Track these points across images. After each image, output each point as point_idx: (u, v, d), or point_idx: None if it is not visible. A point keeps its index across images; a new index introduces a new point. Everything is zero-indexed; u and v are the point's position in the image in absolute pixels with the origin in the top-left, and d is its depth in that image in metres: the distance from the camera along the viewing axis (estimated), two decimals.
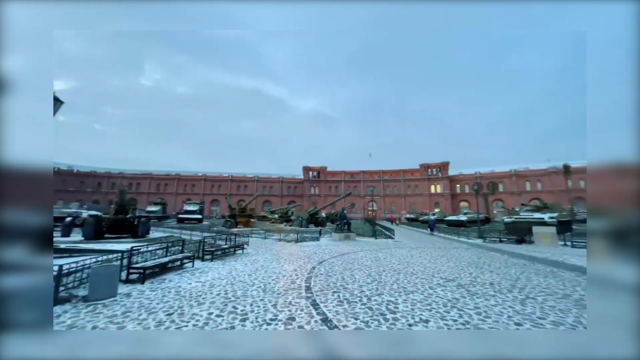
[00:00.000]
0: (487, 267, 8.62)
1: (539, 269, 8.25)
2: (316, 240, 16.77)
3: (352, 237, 17.56)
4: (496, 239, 17.34)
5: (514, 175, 66.21)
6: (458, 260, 9.95)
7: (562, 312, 4.59)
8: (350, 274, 7.53)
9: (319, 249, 12.64)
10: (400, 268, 8.35)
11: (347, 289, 5.97)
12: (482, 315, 4.47)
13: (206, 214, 66.70)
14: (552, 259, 10.21)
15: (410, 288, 6.08)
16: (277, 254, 11.17)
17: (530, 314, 4.51)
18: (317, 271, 7.83)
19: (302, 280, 6.78)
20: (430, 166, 73.87)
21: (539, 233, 14.75)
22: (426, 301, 5.16)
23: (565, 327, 4.01)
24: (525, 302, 5.15)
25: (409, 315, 4.44)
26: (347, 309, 4.77)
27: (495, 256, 10.98)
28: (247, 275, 7.28)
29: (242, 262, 9.09)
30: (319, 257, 10.29)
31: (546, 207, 22.79)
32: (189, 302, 5.03)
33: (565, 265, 8.97)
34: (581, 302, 5.09)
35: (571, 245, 14.14)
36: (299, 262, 9.18)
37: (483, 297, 5.44)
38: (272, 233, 20.88)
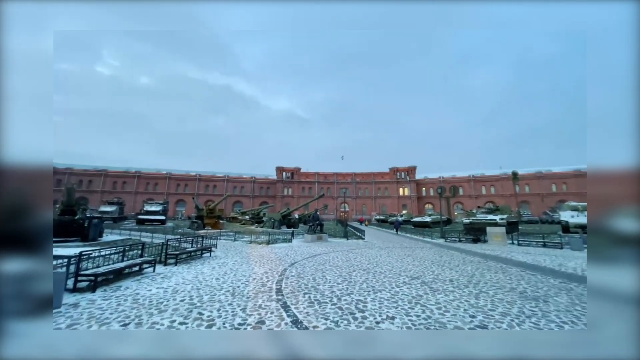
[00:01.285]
0: (447, 265, 9.31)
1: (491, 266, 9.12)
2: (288, 241, 16.62)
3: (325, 238, 17.73)
4: (456, 238, 18.77)
5: (472, 180, 72.40)
6: (422, 259, 10.58)
7: (509, 304, 5.14)
8: (322, 274, 7.60)
9: (291, 251, 12.55)
10: (370, 268, 8.64)
11: (318, 290, 6.02)
12: (442, 310, 4.81)
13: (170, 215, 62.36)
14: (502, 256, 11.36)
15: (379, 287, 6.33)
16: (248, 256, 10.85)
17: (483, 307, 4.97)
18: (288, 273, 7.77)
19: (273, 282, 6.68)
20: (399, 170, 77.62)
21: (492, 233, 16.30)
22: (393, 299, 5.42)
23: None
24: (479, 296, 5.66)
25: (376, 313, 4.62)
26: (317, 309, 4.81)
27: (454, 254, 11.88)
28: (214, 279, 6.96)
29: (209, 266, 8.66)
30: (291, 259, 10.23)
31: (498, 210, 25.28)
32: (148, 311, 4.67)
33: (512, 261, 10.05)
34: (524, 295, 5.75)
35: (517, 243, 15.86)
36: (270, 265, 9.02)
37: (443, 293, 5.87)
38: (243, 235, 20.23)
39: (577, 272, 8.15)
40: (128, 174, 69.02)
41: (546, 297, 5.60)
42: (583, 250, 13.03)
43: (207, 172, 78.19)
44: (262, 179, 79.90)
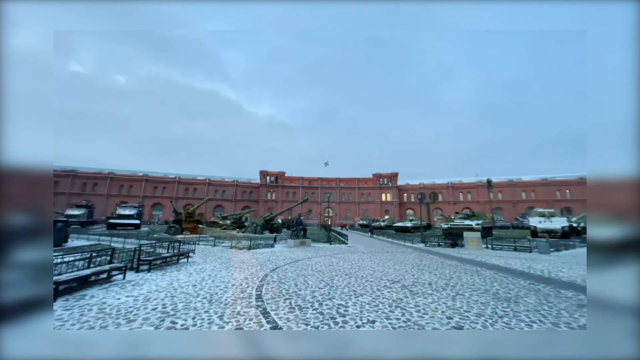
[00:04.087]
0: (427, 268, 9.55)
1: (467, 269, 9.48)
2: (271, 246, 16.31)
3: (308, 243, 17.59)
4: (435, 243, 19.37)
5: (450, 187, 75.44)
6: (403, 263, 10.79)
7: (483, 305, 5.34)
8: (304, 279, 7.50)
9: (273, 256, 12.31)
10: (352, 272, 8.66)
11: (299, 295, 5.92)
12: (420, 312, 4.91)
13: (146, 219, 59.26)
14: (477, 259, 11.85)
15: (360, 291, 6.34)
16: (227, 262, 10.50)
17: (459, 308, 5.12)
18: (269, 278, 7.60)
19: (253, 288, 6.49)
20: (382, 176, 79.31)
21: (468, 237, 16.99)
22: (374, 303, 5.45)
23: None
24: (456, 298, 5.84)
25: (357, 318, 4.61)
26: (298, 315, 4.72)
27: (434, 258, 12.23)
28: (191, 286, 6.64)
29: (186, 272, 8.27)
30: (273, 264, 10.02)
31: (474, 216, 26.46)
32: (115, 321, 4.35)
33: (487, 264, 10.51)
34: (497, 295, 6.01)
35: (491, 247, 16.64)
36: (250, 270, 8.78)
37: (422, 295, 5.99)
38: (223, 240, 19.60)
39: (544, 274, 8.67)
40: (100, 175, 64.93)
41: (517, 298, 5.89)
42: (549, 254, 13.91)
43: (187, 175, 75.41)
44: (245, 183, 78.31)
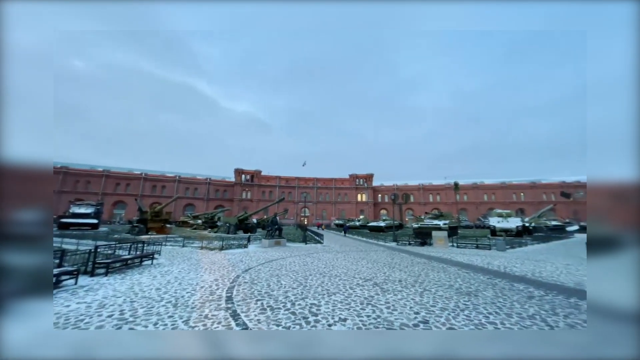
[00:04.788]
0: (397, 266, 9.92)
1: (434, 266, 10.02)
2: (244, 247, 15.85)
3: (283, 243, 17.39)
4: (406, 242, 20.22)
5: (421, 189, 79.39)
6: (376, 261, 11.10)
7: (447, 299, 5.67)
8: (277, 280, 7.38)
9: (246, 257, 11.97)
10: (326, 271, 8.71)
11: (271, 296, 5.81)
12: (390, 309, 5.07)
13: (106, 218, 54.51)
14: (444, 257, 12.59)
15: (333, 290, 6.40)
16: (197, 263, 9.99)
17: (426, 303, 5.39)
18: (241, 280, 7.36)
19: (223, 290, 6.24)
20: (358, 177, 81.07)
21: (436, 236, 17.97)
22: (346, 301, 5.52)
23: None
24: (423, 294, 6.14)
25: (329, 316, 4.64)
26: (270, 316, 4.63)
27: (404, 257, 12.76)
28: (154, 289, 6.21)
29: (149, 275, 7.71)
30: (246, 265, 9.74)
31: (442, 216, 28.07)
32: (62, 330, 3.90)
33: (452, 261, 11.20)
34: (459, 290, 6.42)
35: (456, 246, 17.78)
36: (221, 272, 8.44)
37: (392, 292, 6.20)
38: (193, 240, 18.65)
39: (500, 269, 9.45)
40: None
41: (476, 292, 6.34)
42: (505, 251, 15.22)
43: (155, 171, 70.68)
44: (219, 181, 75.35)
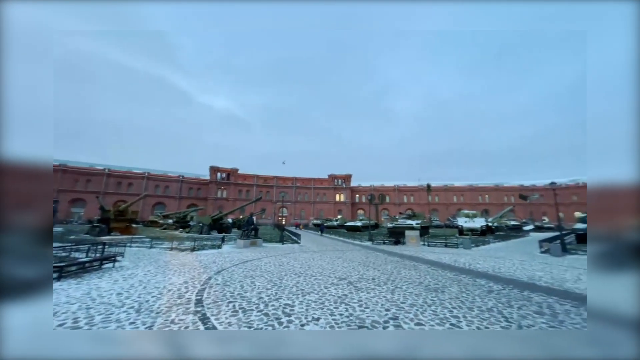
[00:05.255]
0: (372, 265, 10.20)
1: (407, 264, 10.45)
2: (218, 247, 15.30)
3: (259, 244, 17.06)
4: (381, 241, 20.85)
5: (397, 190, 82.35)
6: (351, 260, 11.31)
7: (416, 296, 5.94)
8: (251, 281, 7.22)
9: (219, 257, 11.56)
10: (302, 271, 8.70)
11: (244, 298, 5.68)
12: (362, 306, 5.19)
13: (62, 217, 49.63)
14: (415, 255, 13.17)
15: (308, 289, 6.41)
16: (165, 265, 9.45)
17: (396, 300, 5.59)
18: (213, 282, 7.10)
19: (192, 293, 5.97)
20: (337, 177, 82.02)
21: (409, 235, 18.74)
22: (320, 300, 5.56)
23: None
24: (395, 291, 6.37)
25: (302, 316, 4.64)
26: (241, 318, 4.52)
27: (379, 255, 13.15)
28: (114, 294, 5.76)
29: (110, 279, 7.15)
30: (218, 266, 9.41)
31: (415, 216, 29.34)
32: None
33: (422, 259, 11.75)
34: (428, 287, 6.75)
35: (427, 244, 18.69)
36: (192, 273, 8.07)
37: (366, 291, 6.36)
38: (162, 241, 17.62)
39: (465, 266, 10.11)
40: None
41: (443, 288, 6.72)
42: (471, 249, 16.31)
43: (121, 167, 65.67)
44: (193, 179, 72.01)
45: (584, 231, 19.44)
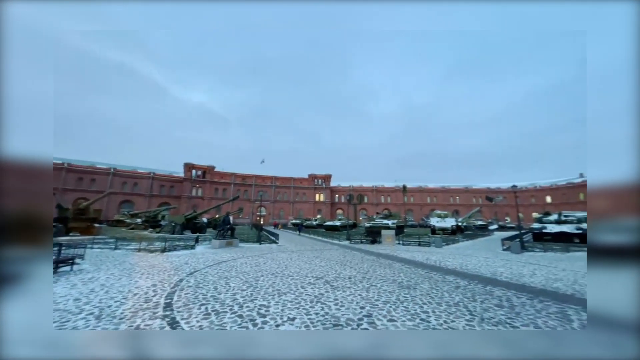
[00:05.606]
0: (349, 264, 10.37)
1: (382, 262, 10.77)
2: (191, 248, 14.65)
3: (235, 244, 16.61)
4: (359, 240, 21.27)
5: (374, 190, 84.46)
6: (329, 260, 11.41)
7: (390, 293, 6.15)
8: (226, 282, 7.01)
9: (192, 259, 11.08)
10: (279, 271, 8.61)
11: (218, 299, 5.50)
12: (338, 305, 5.27)
13: None
14: (391, 254, 13.61)
15: (285, 290, 6.36)
16: (131, 267, 8.86)
17: (371, 298, 5.75)
18: (184, 284, 6.79)
19: (161, 296, 5.66)
20: (317, 177, 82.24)
21: (385, 235, 19.32)
22: (296, 300, 5.54)
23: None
24: (370, 289, 6.53)
25: (277, 317, 4.60)
26: (214, 320, 4.37)
27: (356, 254, 13.40)
28: (71, 300, 5.29)
29: (66, 283, 6.55)
30: (191, 267, 9.01)
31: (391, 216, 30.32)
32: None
33: (397, 258, 12.18)
34: (401, 284, 7.02)
35: (402, 243, 19.40)
36: (161, 276, 7.65)
37: (342, 289, 6.46)
38: (130, 242, 16.49)
39: (436, 264, 10.65)
40: None
41: (415, 285, 7.02)
42: (442, 247, 17.21)
43: (83, 162, 60.39)
44: (165, 176, 68.21)
45: (540, 230, 21.39)
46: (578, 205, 63.02)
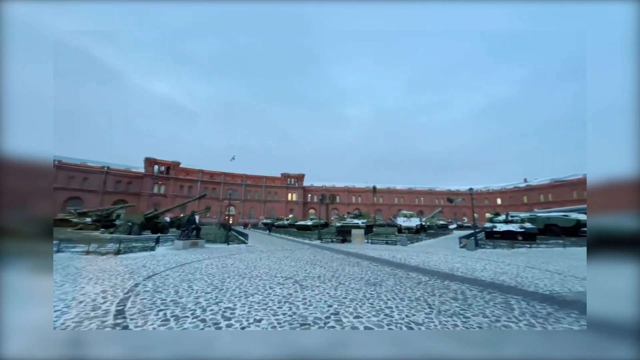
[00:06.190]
0: (319, 263, 10.45)
1: (351, 261, 11.04)
2: (150, 250, 13.56)
3: (201, 244, 15.77)
4: (329, 239, 21.56)
5: (346, 191, 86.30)
6: (299, 259, 11.39)
7: (357, 291, 6.33)
8: (188, 285, 6.62)
9: (151, 261, 10.26)
10: (247, 272, 8.37)
11: (179, 304, 5.16)
12: (306, 304, 5.28)
13: None
14: (360, 252, 14.02)
15: (252, 291, 6.20)
16: (77, 272, 7.93)
17: (339, 296, 5.86)
18: (140, 288, 6.26)
19: (112, 303, 5.15)
20: (290, 176, 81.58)
21: (354, 234, 19.85)
22: (264, 301, 5.43)
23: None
24: (338, 287, 6.65)
25: (243, 319, 4.46)
26: (173, 327, 4.09)
27: (326, 254, 13.56)
28: None
29: None
30: (150, 271, 8.34)
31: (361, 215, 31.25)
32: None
33: (365, 256, 12.59)
34: (368, 282, 7.27)
35: (371, 242, 20.10)
36: (113, 281, 6.96)
37: (311, 288, 6.48)
38: (76, 243, 14.73)
39: (401, 261, 11.22)
40: None
41: (381, 282, 7.32)
42: (407, 245, 18.19)
43: None
44: (122, 171, 62.27)
45: (491, 229, 23.70)
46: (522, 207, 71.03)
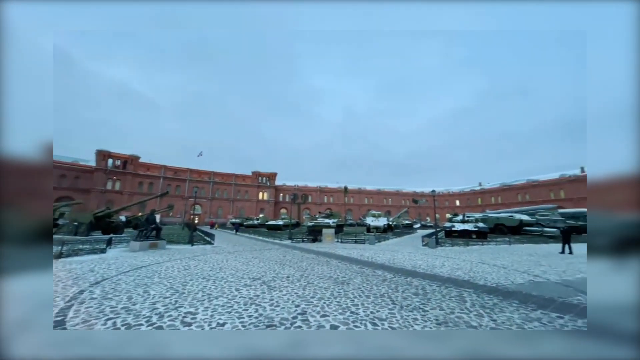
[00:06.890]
0: (288, 263, 10.37)
1: (321, 260, 11.14)
2: (100, 252, 12.24)
3: (161, 245, 14.65)
4: (300, 239, 21.51)
5: (318, 190, 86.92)
6: (268, 260, 11.17)
7: (325, 290, 6.40)
8: (144, 290, 6.11)
9: (100, 265, 9.27)
10: (211, 274, 7.98)
11: (131, 311, 4.74)
12: (273, 305, 5.20)
13: None
14: (329, 252, 14.21)
15: (216, 293, 5.93)
16: None
17: (307, 296, 5.87)
18: (86, 296, 5.62)
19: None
20: (262, 175, 79.70)
21: (325, 233, 20.08)
22: (229, 304, 5.23)
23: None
24: (307, 287, 6.67)
25: (205, 323, 4.25)
26: None
27: (296, 253, 13.50)
28: None
29: None
30: (98, 276, 7.53)
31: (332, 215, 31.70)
32: None
33: (335, 255, 12.80)
34: (337, 280, 7.40)
35: (341, 241, 20.49)
36: (54, 287, 6.14)
37: (279, 289, 6.40)
38: None
39: (369, 259, 11.62)
40: None
41: (349, 280, 7.50)
42: (375, 244, 18.90)
43: None
44: (67, 164, 55.33)
45: (450, 228, 25.69)
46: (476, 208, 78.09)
